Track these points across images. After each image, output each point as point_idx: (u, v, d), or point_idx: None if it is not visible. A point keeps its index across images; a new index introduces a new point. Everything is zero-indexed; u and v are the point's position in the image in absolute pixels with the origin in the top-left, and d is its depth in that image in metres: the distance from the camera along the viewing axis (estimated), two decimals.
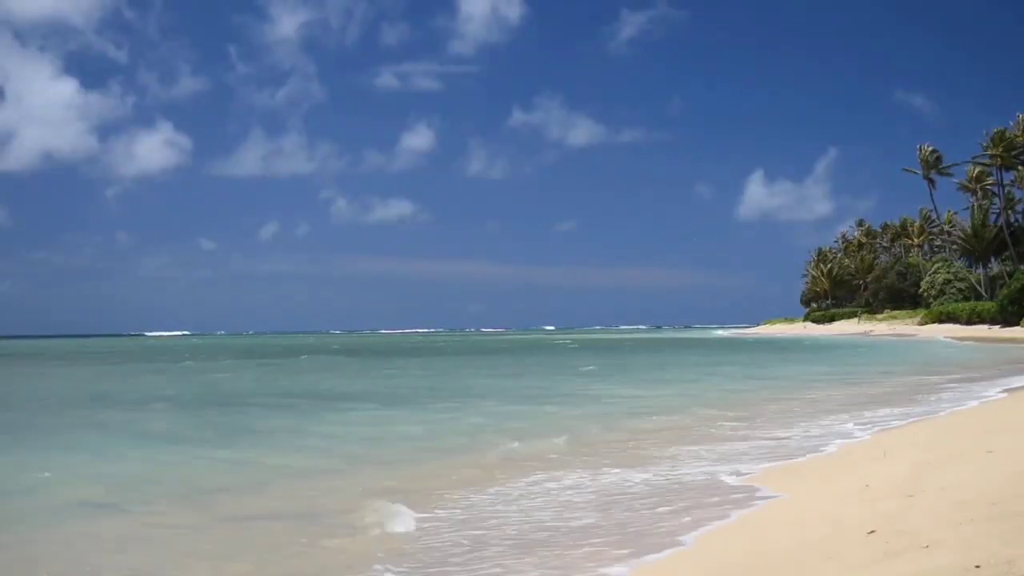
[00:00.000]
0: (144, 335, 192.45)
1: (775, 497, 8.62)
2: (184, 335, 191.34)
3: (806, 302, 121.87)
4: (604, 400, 20.04)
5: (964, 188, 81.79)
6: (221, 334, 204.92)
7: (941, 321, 77.19)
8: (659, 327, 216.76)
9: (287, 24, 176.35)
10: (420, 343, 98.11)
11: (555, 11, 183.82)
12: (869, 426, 13.62)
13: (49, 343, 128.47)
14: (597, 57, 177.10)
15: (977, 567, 4.43)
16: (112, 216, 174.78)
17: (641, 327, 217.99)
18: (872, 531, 5.84)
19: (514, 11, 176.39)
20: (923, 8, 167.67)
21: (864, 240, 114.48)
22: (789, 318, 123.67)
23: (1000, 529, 5.16)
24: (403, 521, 7.81)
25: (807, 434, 13.15)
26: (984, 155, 76.86)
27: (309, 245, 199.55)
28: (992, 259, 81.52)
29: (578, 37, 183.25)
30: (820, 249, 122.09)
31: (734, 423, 14.84)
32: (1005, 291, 67.92)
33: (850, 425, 13.89)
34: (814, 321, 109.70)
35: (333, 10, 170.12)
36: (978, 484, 6.79)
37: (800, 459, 10.95)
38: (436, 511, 8.37)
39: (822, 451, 11.55)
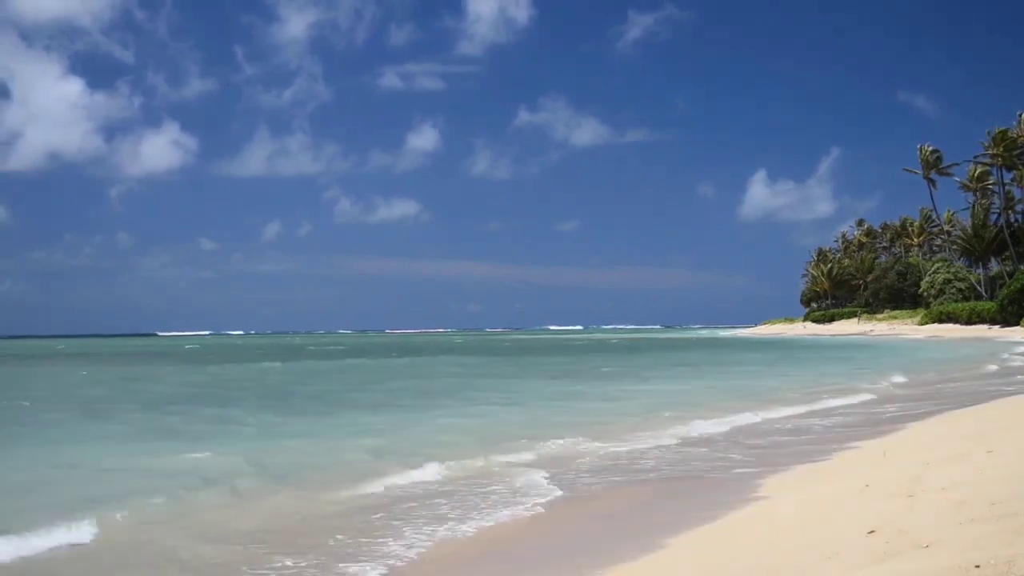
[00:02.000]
0: (156, 335, 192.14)
1: (775, 497, 8.63)
2: (206, 335, 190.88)
3: (806, 302, 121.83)
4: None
5: (965, 188, 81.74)
6: (238, 334, 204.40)
7: (941, 321, 77.15)
8: (669, 327, 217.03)
9: (295, 25, 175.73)
10: (454, 343, 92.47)
11: (562, 12, 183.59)
12: None
13: (66, 343, 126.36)
14: (603, 58, 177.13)
15: (977, 567, 4.43)
16: (117, 216, 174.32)
17: (655, 327, 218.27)
18: (872, 531, 5.84)
19: (522, 12, 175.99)
20: (925, 9, 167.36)
21: (864, 240, 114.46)
22: (789, 318, 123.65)
23: (1000, 529, 5.16)
24: None
25: None
26: (985, 155, 76.81)
27: (312, 245, 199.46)
28: (992, 259, 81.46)
29: (585, 38, 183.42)
30: (820, 249, 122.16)
31: None
32: (1005, 291, 67.86)
33: None
34: (814, 321, 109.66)
35: (342, 11, 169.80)
36: (978, 484, 6.78)
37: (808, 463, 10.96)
38: None
39: None
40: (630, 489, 9.76)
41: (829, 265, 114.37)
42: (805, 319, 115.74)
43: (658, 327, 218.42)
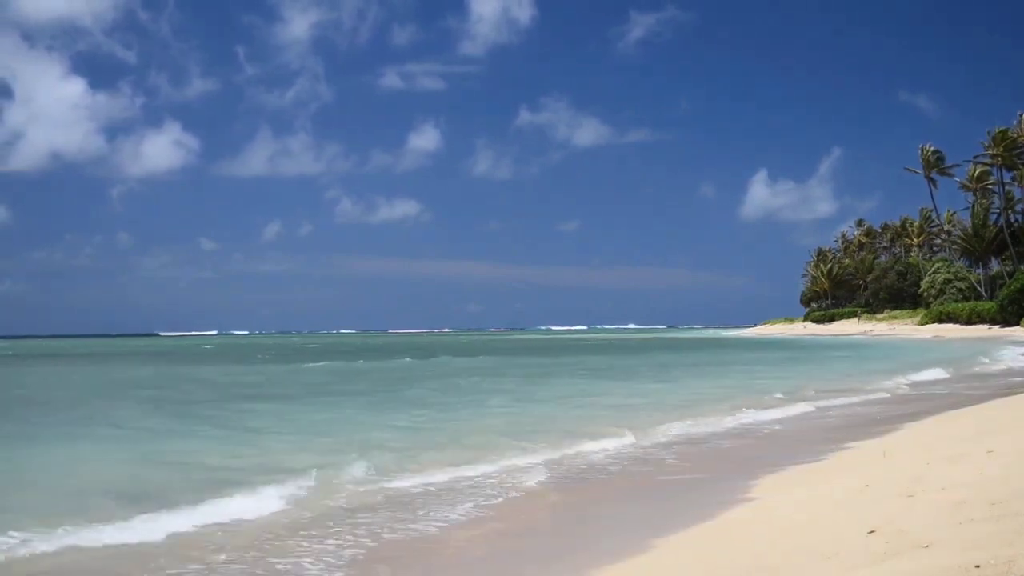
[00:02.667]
0: (158, 335, 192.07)
1: (773, 497, 8.63)
2: (213, 335, 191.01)
3: (806, 302, 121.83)
4: None
5: (965, 188, 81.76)
6: (244, 333, 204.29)
7: (941, 321, 77.14)
8: (673, 327, 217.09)
9: (298, 25, 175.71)
10: (466, 344, 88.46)
11: (565, 13, 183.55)
12: None
13: (73, 343, 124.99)
14: (605, 58, 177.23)
15: (977, 567, 4.42)
16: (117, 216, 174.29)
17: (659, 327, 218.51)
18: (872, 531, 5.83)
19: (524, 13, 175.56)
20: (926, 10, 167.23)
21: (864, 240, 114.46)
22: (789, 318, 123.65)
23: (1000, 529, 5.15)
24: None
25: None
26: (985, 155, 76.82)
27: (313, 245, 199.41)
28: (992, 259, 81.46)
29: (587, 38, 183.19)
30: (820, 249, 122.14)
31: None
32: (1005, 291, 67.87)
33: None
34: (814, 321, 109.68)
35: (345, 11, 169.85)
36: (978, 484, 6.77)
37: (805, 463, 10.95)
38: None
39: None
40: (630, 487, 9.76)
41: (829, 265, 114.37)
42: (805, 319, 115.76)
43: (663, 327, 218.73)
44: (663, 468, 11.00)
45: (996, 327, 66.18)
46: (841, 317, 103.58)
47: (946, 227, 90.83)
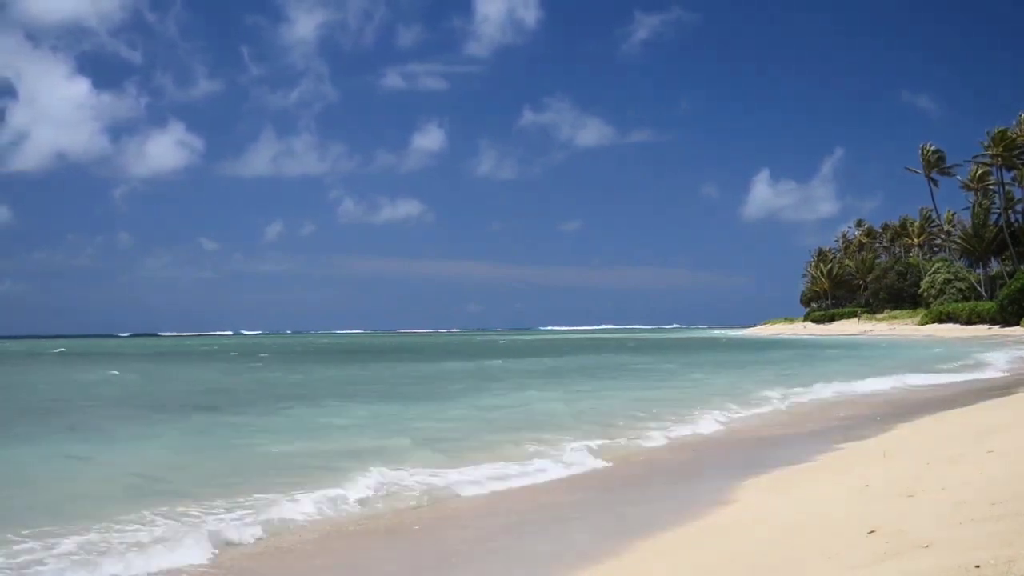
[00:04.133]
0: (158, 335, 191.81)
1: (774, 496, 8.63)
2: (228, 335, 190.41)
3: (806, 302, 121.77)
4: None
5: (966, 187, 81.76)
6: (257, 334, 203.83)
7: (941, 321, 77.11)
8: (683, 327, 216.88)
9: (303, 25, 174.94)
10: (490, 345, 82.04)
11: (569, 13, 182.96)
12: None
13: (101, 343, 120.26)
14: (609, 59, 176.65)
15: (977, 567, 4.43)
16: (120, 217, 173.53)
17: (670, 327, 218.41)
18: (872, 531, 5.83)
19: (531, 14, 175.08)
20: (927, 10, 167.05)
21: (864, 240, 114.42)
22: (789, 318, 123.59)
23: (1000, 529, 5.16)
24: None
25: None
26: (985, 155, 76.79)
27: (316, 245, 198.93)
28: (992, 259, 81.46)
29: (591, 39, 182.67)
30: (820, 249, 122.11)
31: None
32: (1005, 291, 67.88)
33: None
34: (814, 321, 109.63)
35: (351, 12, 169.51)
36: (978, 484, 6.78)
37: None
38: None
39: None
40: (630, 483, 9.77)
41: (829, 265, 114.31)
42: (805, 319, 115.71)
43: (671, 327, 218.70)
44: (670, 465, 11.00)
45: (996, 327, 66.18)
46: (841, 317, 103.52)
47: (946, 227, 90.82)
